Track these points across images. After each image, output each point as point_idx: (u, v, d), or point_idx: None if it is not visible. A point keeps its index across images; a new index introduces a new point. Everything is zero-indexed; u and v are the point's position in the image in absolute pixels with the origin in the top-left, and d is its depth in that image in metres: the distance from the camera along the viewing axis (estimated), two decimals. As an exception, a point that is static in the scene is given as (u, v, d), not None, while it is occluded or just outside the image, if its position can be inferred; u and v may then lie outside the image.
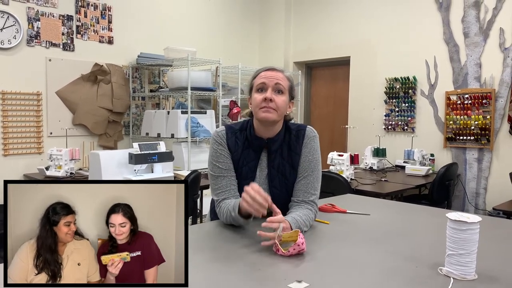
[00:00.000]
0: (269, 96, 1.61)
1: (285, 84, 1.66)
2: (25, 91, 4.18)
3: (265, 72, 1.67)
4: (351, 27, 5.59)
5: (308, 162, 1.70)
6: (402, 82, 5.08)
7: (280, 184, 1.71)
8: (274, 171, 1.71)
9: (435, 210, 2.05)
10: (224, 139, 1.71)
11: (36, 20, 4.22)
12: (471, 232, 1.13)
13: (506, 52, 4.34)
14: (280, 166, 1.71)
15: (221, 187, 1.69)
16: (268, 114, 1.62)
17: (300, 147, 1.71)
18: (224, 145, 1.71)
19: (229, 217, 1.60)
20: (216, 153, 1.71)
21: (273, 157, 1.71)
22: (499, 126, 4.41)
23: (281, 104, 1.64)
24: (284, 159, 1.71)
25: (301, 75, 6.22)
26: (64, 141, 4.23)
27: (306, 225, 1.57)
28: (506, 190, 4.05)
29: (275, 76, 1.65)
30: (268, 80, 1.64)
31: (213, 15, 5.83)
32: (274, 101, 1.62)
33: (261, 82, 1.65)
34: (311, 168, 1.70)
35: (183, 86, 4.53)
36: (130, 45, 4.91)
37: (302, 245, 1.31)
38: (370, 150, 4.74)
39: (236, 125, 1.77)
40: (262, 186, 1.70)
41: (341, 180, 3.61)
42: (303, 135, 1.73)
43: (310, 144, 1.72)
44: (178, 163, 4.40)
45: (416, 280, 1.15)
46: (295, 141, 1.72)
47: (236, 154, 1.70)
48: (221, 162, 1.70)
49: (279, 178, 1.71)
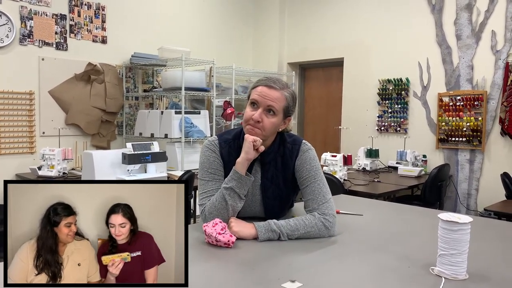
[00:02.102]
0: (257, 117, 1.56)
1: (279, 105, 1.59)
2: (17, 90, 4.15)
3: (262, 88, 1.59)
4: (344, 29, 5.62)
5: (307, 172, 1.65)
6: (395, 83, 5.12)
7: (274, 194, 1.70)
8: (268, 182, 1.69)
9: (427, 210, 2.08)
10: (217, 147, 1.69)
11: (29, 19, 4.20)
12: (462, 233, 1.15)
13: (497, 55, 4.38)
14: (274, 176, 1.69)
15: (210, 190, 1.65)
16: (251, 135, 1.58)
17: (293, 162, 1.68)
18: (217, 153, 1.68)
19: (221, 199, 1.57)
20: (208, 160, 1.68)
21: (267, 168, 1.69)
22: (490, 127, 4.46)
23: (269, 126, 1.59)
24: (278, 170, 1.69)
25: (295, 76, 6.24)
26: (57, 140, 4.21)
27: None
28: (497, 191, 4.09)
29: (269, 96, 1.58)
30: (261, 99, 1.58)
31: (207, 15, 5.83)
32: (262, 122, 1.57)
33: (254, 98, 1.59)
34: (312, 176, 1.65)
35: (177, 86, 4.52)
36: (124, 45, 4.89)
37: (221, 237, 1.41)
38: (363, 151, 4.77)
39: (229, 134, 1.74)
40: (255, 197, 1.70)
41: (334, 180, 3.63)
42: (298, 149, 1.69)
43: (304, 155, 1.68)
44: (172, 163, 4.40)
45: (408, 279, 1.16)
46: (289, 155, 1.68)
47: (230, 164, 1.65)
48: (213, 169, 1.67)
49: (272, 189, 1.69)
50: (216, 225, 1.43)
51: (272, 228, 1.50)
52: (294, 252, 1.38)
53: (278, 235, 1.50)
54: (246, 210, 1.70)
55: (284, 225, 1.52)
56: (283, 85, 1.63)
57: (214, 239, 1.39)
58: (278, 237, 1.50)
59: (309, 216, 1.58)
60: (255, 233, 1.49)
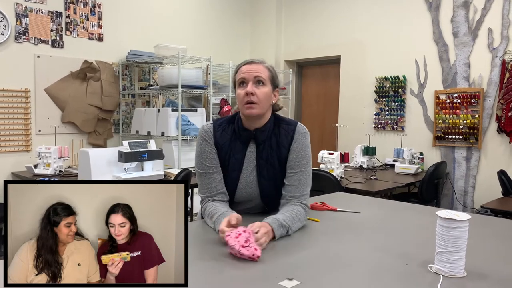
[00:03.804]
0: (250, 90, 1.62)
1: (265, 75, 1.66)
2: (13, 88, 4.13)
3: (245, 67, 1.68)
4: (341, 26, 5.62)
5: (301, 158, 1.70)
6: (392, 81, 5.13)
7: (269, 174, 1.72)
8: (262, 162, 1.71)
9: (424, 208, 2.08)
10: (211, 134, 1.72)
11: (25, 16, 4.17)
12: (460, 230, 1.15)
13: (494, 52, 4.40)
14: (269, 157, 1.71)
15: (205, 184, 1.71)
16: (252, 111, 1.63)
17: (289, 142, 1.71)
18: (210, 141, 1.71)
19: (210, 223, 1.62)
20: (201, 149, 1.72)
21: (261, 148, 1.71)
22: (487, 125, 4.48)
23: (263, 96, 1.64)
24: (273, 150, 1.71)
25: (292, 73, 6.23)
26: (53, 139, 4.19)
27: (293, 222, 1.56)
28: (494, 189, 4.11)
29: (254, 69, 1.66)
30: (248, 74, 1.65)
31: (204, 13, 5.81)
32: (256, 94, 1.62)
33: (241, 77, 1.66)
34: (304, 164, 1.70)
35: (174, 84, 4.51)
36: (120, 42, 4.87)
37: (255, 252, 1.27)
38: (360, 148, 4.78)
39: (225, 118, 1.78)
40: (250, 178, 1.72)
41: (331, 178, 3.64)
42: (293, 130, 1.72)
43: (301, 140, 1.72)
44: (169, 161, 4.39)
45: (406, 277, 1.16)
46: (285, 135, 1.72)
47: (224, 146, 1.70)
48: (205, 159, 1.70)
49: (267, 168, 1.71)
50: (240, 235, 1.29)
51: (281, 224, 1.51)
52: (292, 250, 1.38)
53: (287, 230, 1.52)
54: (241, 192, 1.73)
55: (288, 219, 1.54)
56: (262, 60, 1.72)
57: (238, 252, 1.26)
58: (287, 232, 1.52)
59: (298, 208, 1.64)
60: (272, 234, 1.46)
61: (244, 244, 1.26)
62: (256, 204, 1.78)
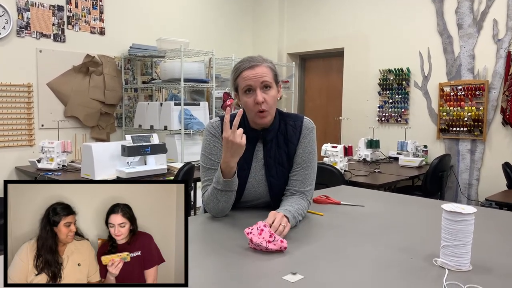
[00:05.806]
0: (261, 99, 1.58)
1: (269, 76, 1.61)
2: (15, 83, 4.13)
3: (248, 72, 1.60)
4: (344, 19, 5.57)
5: (307, 154, 1.70)
6: (396, 73, 5.09)
7: (278, 173, 1.71)
8: (271, 161, 1.70)
9: (428, 201, 2.06)
10: (218, 130, 1.70)
11: (26, 10, 4.16)
12: (466, 223, 1.14)
13: (499, 44, 4.35)
14: (277, 155, 1.70)
15: (210, 179, 1.67)
16: (265, 119, 1.63)
17: (298, 138, 1.70)
18: (218, 137, 1.69)
19: (213, 192, 1.60)
20: (209, 145, 1.70)
21: (269, 147, 1.70)
22: (492, 117, 4.44)
23: (273, 101, 1.62)
24: (280, 148, 1.71)
25: (295, 66, 6.20)
26: (56, 133, 4.20)
27: (300, 215, 1.58)
28: (498, 181, 4.09)
29: (259, 74, 1.59)
30: (254, 81, 1.59)
31: (206, 6, 5.78)
32: (266, 101, 1.59)
33: (247, 84, 1.60)
34: (310, 159, 1.71)
35: (176, 77, 4.50)
36: (122, 36, 4.86)
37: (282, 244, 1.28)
38: (363, 141, 4.76)
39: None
40: (259, 177, 1.71)
41: (335, 171, 3.63)
42: (301, 125, 1.72)
43: (309, 136, 1.71)
44: (172, 155, 4.39)
45: (411, 271, 1.15)
46: (292, 131, 1.71)
47: None
48: (213, 154, 1.69)
49: (276, 167, 1.70)
50: (262, 231, 1.28)
51: (294, 215, 1.52)
52: (295, 244, 1.37)
53: (296, 223, 1.54)
54: (250, 191, 1.73)
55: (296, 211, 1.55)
56: (261, 59, 1.65)
57: (265, 248, 1.25)
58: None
59: (301, 201, 1.64)
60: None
61: (270, 239, 1.26)
62: (264, 201, 1.77)
